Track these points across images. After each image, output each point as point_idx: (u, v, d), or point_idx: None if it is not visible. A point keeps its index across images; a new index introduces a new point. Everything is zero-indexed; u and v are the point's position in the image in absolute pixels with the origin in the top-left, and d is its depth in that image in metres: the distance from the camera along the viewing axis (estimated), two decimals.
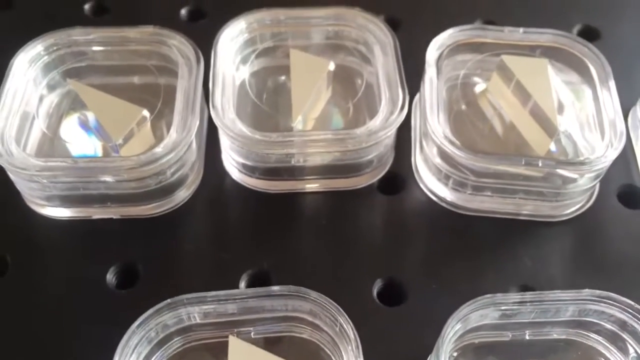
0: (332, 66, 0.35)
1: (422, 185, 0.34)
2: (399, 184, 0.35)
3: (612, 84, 0.33)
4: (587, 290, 0.27)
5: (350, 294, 0.31)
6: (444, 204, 0.34)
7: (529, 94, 0.33)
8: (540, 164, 0.30)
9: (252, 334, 0.28)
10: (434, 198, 0.34)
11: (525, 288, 0.31)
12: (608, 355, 0.28)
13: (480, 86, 0.36)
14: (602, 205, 0.34)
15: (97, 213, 0.33)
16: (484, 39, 0.36)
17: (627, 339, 0.27)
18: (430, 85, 0.33)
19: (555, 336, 0.28)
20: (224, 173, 0.35)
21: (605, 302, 0.27)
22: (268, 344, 0.28)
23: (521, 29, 0.36)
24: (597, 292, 0.27)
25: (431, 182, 0.34)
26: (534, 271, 0.32)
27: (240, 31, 0.35)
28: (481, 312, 0.26)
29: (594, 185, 0.34)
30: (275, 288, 0.27)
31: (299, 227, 0.33)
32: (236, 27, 0.35)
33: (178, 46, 0.34)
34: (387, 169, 0.35)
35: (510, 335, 0.28)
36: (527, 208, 0.33)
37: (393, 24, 0.41)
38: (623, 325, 0.27)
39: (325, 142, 0.32)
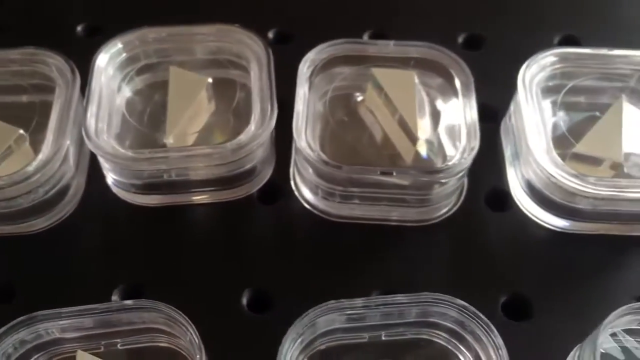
0: (209, 81, 0.36)
1: (297, 194, 0.36)
2: (278, 194, 0.36)
3: (472, 92, 0.35)
4: (425, 293, 0.28)
5: (219, 303, 0.32)
6: (317, 212, 0.35)
7: (395, 105, 0.35)
8: (394, 174, 0.32)
9: (119, 345, 0.29)
10: (307, 206, 0.35)
11: (390, 291, 0.32)
12: (458, 353, 0.30)
13: (358, 98, 0.38)
14: (469, 208, 0.35)
15: None
16: (359, 52, 0.37)
17: (468, 338, 0.29)
18: (301, 101, 0.34)
19: (410, 336, 0.30)
20: (106, 188, 0.36)
21: (442, 304, 0.28)
22: (133, 354, 0.29)
23: (392, 42, 0.37)
24: (434, 294, 0.28)
25: (304, 191, 0.35)
26: (400, 274, 0.34)
27: (118, 51, 0.36)
28: (328, 317, 0.28)
29: (460, 190, 0.35)
30: (129, 302, 0.28)
31: (177, 239, 0.34)
32: (114, 46, 0.36)
33: (57, 65, 0.35)
34: (266, 179, 0.36)
35: (367, 337, 0.30)
36: (394, 214, 0.35)
37: (285, 38, 0.42)
38: (462, 325, 0.28)
39: (193, 157, 0.33)
